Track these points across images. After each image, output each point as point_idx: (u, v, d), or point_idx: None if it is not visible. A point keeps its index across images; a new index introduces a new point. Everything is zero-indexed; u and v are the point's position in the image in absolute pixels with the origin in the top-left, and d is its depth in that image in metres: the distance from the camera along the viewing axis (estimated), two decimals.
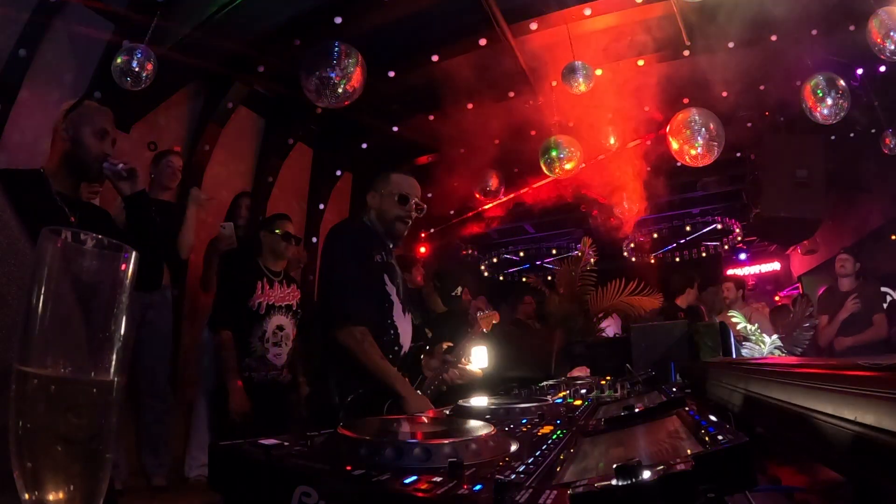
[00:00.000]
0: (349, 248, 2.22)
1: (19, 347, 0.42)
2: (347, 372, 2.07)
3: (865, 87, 4.68)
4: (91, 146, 1.88)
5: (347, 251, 2.20)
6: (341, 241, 2.28)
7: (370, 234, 2.33)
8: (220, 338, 3.13)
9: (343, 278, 2.15)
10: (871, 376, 0.70)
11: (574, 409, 1.21)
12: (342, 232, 2.37)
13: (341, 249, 2.22)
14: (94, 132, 1.89)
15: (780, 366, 1.22)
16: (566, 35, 4.28)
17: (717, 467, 0.48)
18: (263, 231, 3.39)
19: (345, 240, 2.28)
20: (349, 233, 2.35)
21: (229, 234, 3.67)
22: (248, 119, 5.25)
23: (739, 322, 3.82)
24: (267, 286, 3.25)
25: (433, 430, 0.91)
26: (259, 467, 0.64)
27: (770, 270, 9.46)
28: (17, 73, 3.39)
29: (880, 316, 4.53)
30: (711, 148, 4.09)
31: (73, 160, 1.88)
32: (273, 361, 3.22)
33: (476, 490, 0.52)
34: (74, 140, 1.87)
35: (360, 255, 2.19)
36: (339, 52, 3.48)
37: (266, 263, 3.33)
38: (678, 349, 2.84)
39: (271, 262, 3.35)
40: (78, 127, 1.88)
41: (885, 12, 3.28)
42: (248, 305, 3.17)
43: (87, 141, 1.88)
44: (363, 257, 2.19)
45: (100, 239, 0.45)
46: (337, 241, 2.29)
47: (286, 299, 3.33)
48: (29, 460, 0.41)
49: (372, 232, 2.34)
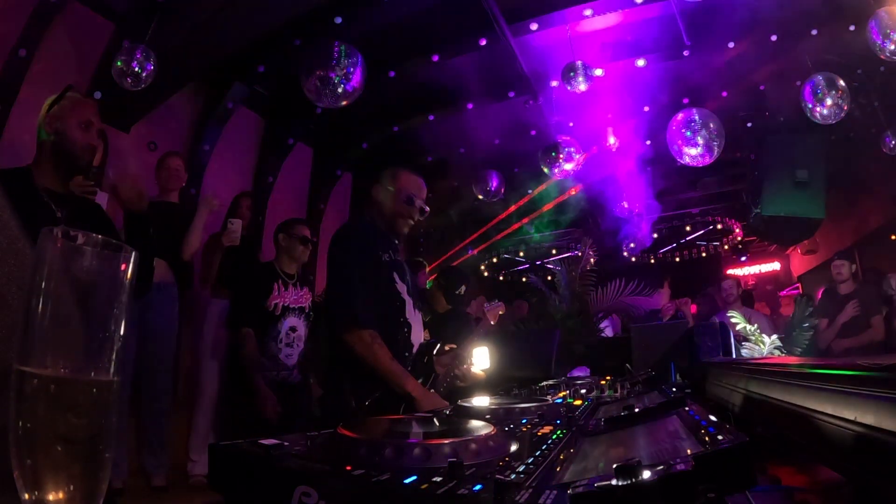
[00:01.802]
0: (355, 249, 2.20)
1: (19, 347, 0.42)
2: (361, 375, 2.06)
3: (865, 87, 4.68)
4: (77, 138, 1.87)
5: (353, 253, 2.18)
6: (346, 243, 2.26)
7: (375, 232, 2.30)
8: (242, 335, 3.20)
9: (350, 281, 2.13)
10: (871, 376, 0.70)
11: (574, 409, 1.21)
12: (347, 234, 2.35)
13: (347, 252, 2.20)
14: (79, 123, 1.88)
15: (780, 366, 1.22)
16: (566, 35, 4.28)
17: (717, 467, 0.48)
18: (281, 234, 3.46)
19: (350, 242, 2.26)
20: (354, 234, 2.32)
21: (236, 230, 3.68)
22: (248, 119, 5.25)
23: (739, 322, 3.83)
24: (282, 288, 3.34)
25: (433, 430, 0.91)
26: (259, 467, 0.64)
27: (770, 270, 9.46)
28: (17, 74, 3.39)
29: (878, 318, 4.54)
30: (711, 148, 4.09)
31: (59, 153, 1.86)
32: (285, 362, 3.31)
33: (476, 490, 0.52)
34: (59, 133, 1.86)
35: (367, 256, 2.17)
36: (339, 52, 3.48)
37: (281, 266, 3.42)
38: (678, 349, 2.84)
39: (286, 265, 3.43)
40: (62, 120, 1.86)
41: (885, 12, 3.28)
42: (265, 306, 3.26)
43: (72, 133, 1.86)
44: (370, 258, 2.18)
45: (100, 239, 0.45)
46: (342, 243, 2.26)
47: (300, 301, 3.42)
48: (29, 460, 0.41)
49: (377, 230, 2.32)
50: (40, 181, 1.83)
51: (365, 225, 2.38)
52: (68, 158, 1.87)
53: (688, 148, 4.14)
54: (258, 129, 5.37)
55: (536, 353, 4.33)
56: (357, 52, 3.52)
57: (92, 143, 1.91)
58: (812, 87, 3.83)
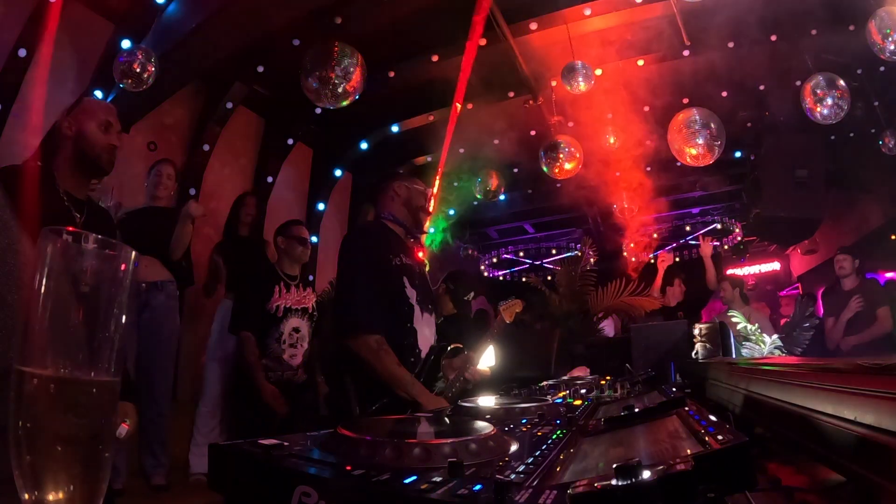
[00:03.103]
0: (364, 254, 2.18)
1: (19, 347, 0.42)
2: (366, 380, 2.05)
3: (865, 87, 4.68)
4: (97, 139, 1.88)
5: (362, 258, 2.17)
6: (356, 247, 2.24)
7: (388, 235, 2.29)
8: (243, 339, 3.25)
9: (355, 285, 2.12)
10: (871, 376, 0.70)
11: (574, 409, 1.21)
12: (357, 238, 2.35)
13: (356, 256, 2.19)
14: (99, 125, 1.89)
15: (780, 366, 1.22)
16: (566, 35, 4.28)
17: (717, 467, 0.48)
18: (280, 237, 3.50)
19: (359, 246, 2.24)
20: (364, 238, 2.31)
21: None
22: (248, 119, 5.25)
23: (739, 322, 3.82)
24: (284, 290, 3.38)
25: (433, 430, 0.91)
26: (259, 467, 0.64)
27: (770, 270, 9.45)
28: (17, 73, 3.40)
29: (884, 309, 4.46)
30: (712, 148, 4.09)
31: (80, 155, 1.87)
32: (289, 362, 3.34)
33: (476, 490, 0.52)
34: (79, 135, 1.87)
35: (376, 261, 2.16)
36: (339, 52, 3.48)
37: (283, 268, 3.46)
38: (678, 349, 2.84)
39: (288, 267, 3.47)
40: (82, 122, 1.88)
41: (885, 12, 3.28)
42: (266, 308, 3.30)
43: (92, 135, 1.87)
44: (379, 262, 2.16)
45: (100, 239, 0.45)
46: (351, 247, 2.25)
47: (302, 302, 3.44)
48: (29, 460, 0.41)
49: (390, 233, 2.31)
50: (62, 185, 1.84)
51: (377, 226, 2.37)
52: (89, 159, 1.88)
53: (688, 148, 4.15)
54: (258, 129, 5.37)
55: (536, 353, 4.33)
56: (357, 52, 3.52)
57: (112, 143, 1.92)
58: (812, 87, 3.83)
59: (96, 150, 1.88)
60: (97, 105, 1.98)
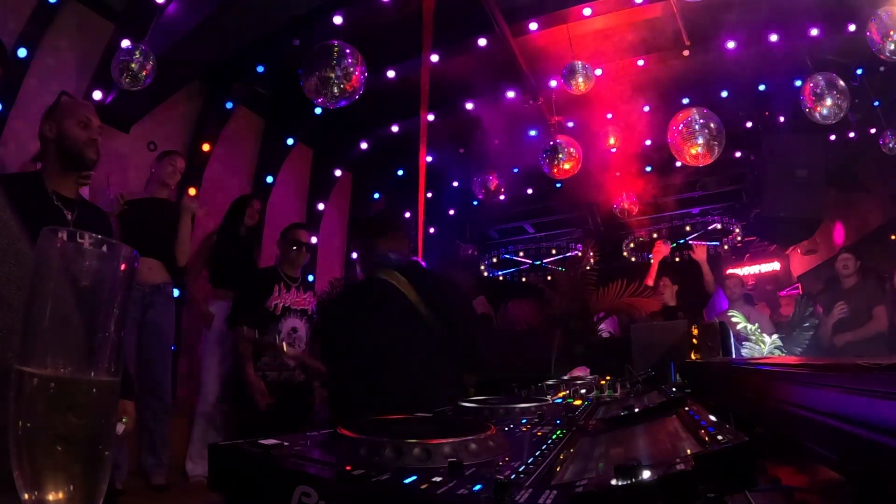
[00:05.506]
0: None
1: (19, 347, 0.42)
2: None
3: (865, 87, 4.68)
4: (78, 136, 1.92)
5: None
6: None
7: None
8: (239, 331, 3.32)
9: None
10: (871, 376, 0.70)
11: (574, 409, 1.21)
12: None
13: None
14: (78, 122, 1.93)
15: (780, 366, 1.22)
16: (566, 35, 4.28)
17: (717, 467, 0.48)
18: (280, 239, 3.62)
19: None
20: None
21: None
22: (248, 119, 5.24)
23: (739, 322, 3.82)
24: (284, 290, 3.46)
25: (433, 430, 0.91)
26: (259, 467, 0.64)
27: (770, 270, 9.45)
28: (17, 73, 3.39)
29: (880, 308, 4.49)
30: (712, 148, 4.09)
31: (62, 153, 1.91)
32: (287, 362, 3.41)
33: (476, 490, 0.52)
34: (60, 135, 1.91)
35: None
36: (339, 52, 3.48)
37: (283, 269, 3.55)
38: (678, 349, 2.84)
39: (288, 268, 3.56)
40: (60, 121, 1.92)
41: (885, 12, 3.28)
42: (266, 306, 3.37)
43: (72, 131, 1.92)
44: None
45: (100, 239, 0.45)
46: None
47: (302, 304, 3.53)
48: (29, 460, 0.41)
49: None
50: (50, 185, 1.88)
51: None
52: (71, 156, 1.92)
53: (688, 148, 4.14)
54: (258, 129, 5.37)
55: (536, 353, 4.33)
56: (357, 52, 3.52)
57: (93, 138, 1.96)
58: (812, 87, 3.83)
59: (78, 146, 1.92)
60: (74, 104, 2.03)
